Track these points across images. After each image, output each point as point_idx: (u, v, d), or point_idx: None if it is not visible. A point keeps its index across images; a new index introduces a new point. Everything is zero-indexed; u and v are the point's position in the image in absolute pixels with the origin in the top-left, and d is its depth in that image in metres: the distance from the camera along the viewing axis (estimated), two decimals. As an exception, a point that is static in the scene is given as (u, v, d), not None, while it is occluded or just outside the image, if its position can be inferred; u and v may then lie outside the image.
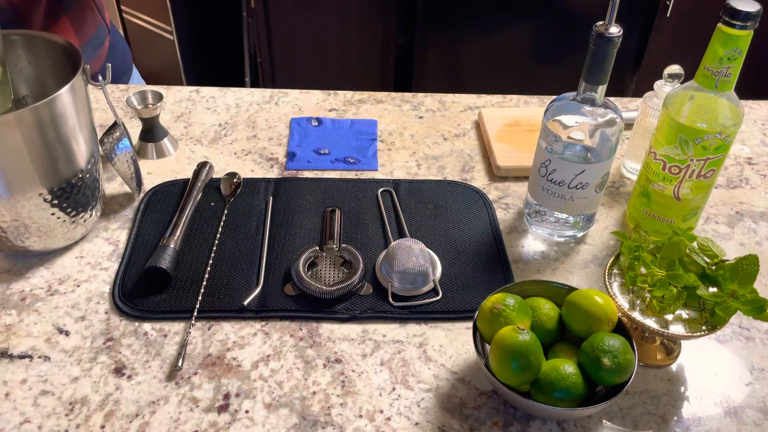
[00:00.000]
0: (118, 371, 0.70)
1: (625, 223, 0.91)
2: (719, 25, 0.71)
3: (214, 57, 2.40)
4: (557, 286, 0.72)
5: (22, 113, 0.69)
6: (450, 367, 0.72)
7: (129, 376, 0.70)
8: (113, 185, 0.94)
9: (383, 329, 0.76)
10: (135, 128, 1.01)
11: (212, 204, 0.91)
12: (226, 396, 0.68)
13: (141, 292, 0.78)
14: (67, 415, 0.66)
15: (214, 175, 0.95)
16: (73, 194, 0.78)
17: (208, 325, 0.75)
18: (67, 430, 0.65)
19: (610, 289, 0.71)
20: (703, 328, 0.68)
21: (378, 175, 0.98)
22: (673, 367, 0.73)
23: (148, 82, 1.26)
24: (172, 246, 0.81)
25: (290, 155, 1.00)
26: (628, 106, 1.13)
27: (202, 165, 0.95)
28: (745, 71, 0.76)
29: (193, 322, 0.74)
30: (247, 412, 0.67)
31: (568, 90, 0.80)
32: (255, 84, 2.25)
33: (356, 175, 0.97)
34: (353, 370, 0.71)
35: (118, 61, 1.22)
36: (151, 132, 0.98)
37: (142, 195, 0.92)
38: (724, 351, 0.75)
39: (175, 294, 0.78)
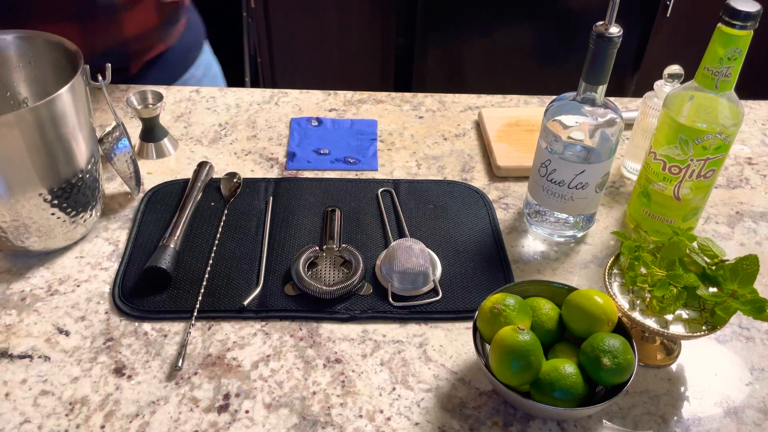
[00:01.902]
0: (118, 371, 0.70)
1: (625, 223, 0.91)
2: (719, 25, 0.71)
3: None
4: (557, 286, 0.72)
5: (22, 113, 0.69)
6: (450, 367, 0.72)
7: (129, 376, 0.70)
8: (113, 185, 0.94)
9: (383, 329, 0.76)
10: (135, 128, 1.01)
11: (212, 204, 0.91)
12: (226, 396, 0.68)
13: (141, 292, 0.78)
14: (67, 415, 0.66)
15: (214, 175, 0.95)
16: (73, 194, 0.78)
17: (208, 325, 0.75)
18: (67, 430, 0.65)
19: (610, 289, 0.71)
20: (703, 328, 0.68)
21: (378, 175, 0.98)
22: (673, 367, 0.73)
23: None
24: (172, 246, 0.81)
25: (290, 155, 1.00)
26: (628, 106, 1.13)
27: (202, 165, 0.95)
28: (745, 71, 0.76)
29: (193, 322, 0.74)
30: (247, 412, 0.67)
31: (568, 90, 0.80)
32: (255, 84, 2.24)
33: (356, 175, 0.97)
34: (353, 370, 0.71)
35: (193, 37, 1.23)
36: (151, 132, 0.98)
37: (142, 195, 0.92)
38: (724, 351, 0.75)
39: (175, 294, 0.78)
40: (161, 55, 1.15)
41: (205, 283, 0.79)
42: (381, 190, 0.94)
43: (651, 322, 0.68)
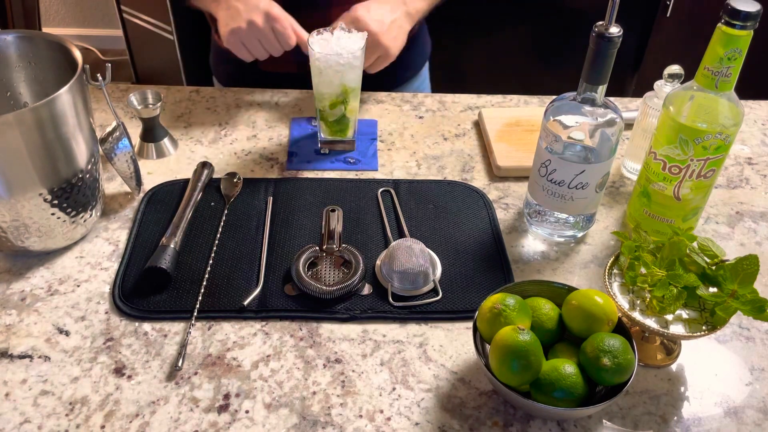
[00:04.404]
0: (118, 371, 0.70)
1: (625, 223, 0.91)
2: (719, 25, 0.71)
3: (214, 57, 2.39)
4: (557, 286, 0.72)
5: (22, 113, 0.69)
6: (450, 367, 0.72)
7: (129, 376, 0.70)
8: (113, 185, 0.94)
9: (383, 329, 0.76)
10: (135, 128, 1.01)
11: (212, 204, 0.91)
12: (226, 396, 0.68)
13: (141, 292, 0.78)
14: (67, 415, 0.66)
15: (214, 175, 0.95)
16: (73, 194, 0.78)
17: (208, 325, 0.75)
18: (67, 430, 0.65)
19: (610, 289, 0.71)
20: (703, 328, 0.68)
21: (378, 175, 0.98)
22: (673, 367, 0.73)
23: (148, 82, 1.26)
24: (172, 246, 0.81)
25: (290, 155, 1.00)
26: (628, 106, 1.13)
27: (202, 165, 0.95)
28: (745, 71, 0.76)
29: (193, 322, 0.74)
30: (247, 412, 0.67)
31: (568, 90, 0.80)
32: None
33: (356, 175, 0.97)
34: (353, 370, 0.71)
35: (413, 55, 1.22)
36: (151, 132, 0.98)
37: (142, 195, 0.92)
38: (724, 351, 0.75)
39: (175, 294, 0.78)
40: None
41: (205, 283, 0.79)
42: (381, 190, 0.94)
43: (651, 322, 0.68)
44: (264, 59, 1.00)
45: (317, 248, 0.83)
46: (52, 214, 0.78)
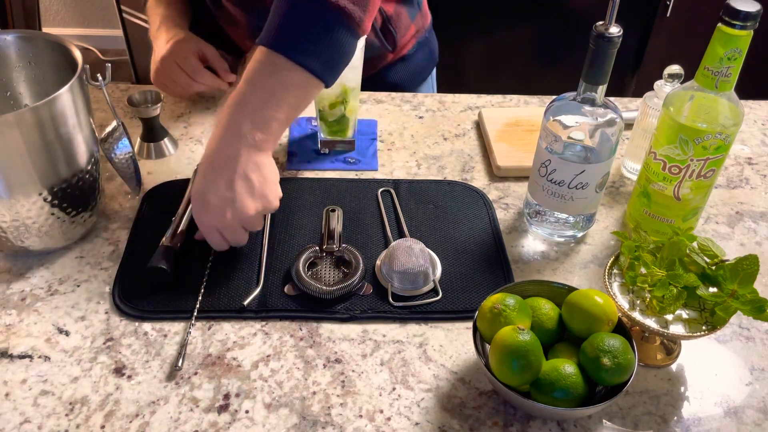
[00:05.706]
0: (118, 371, 0.70)
1: (625, 223, 0.91)
2: (719, 25, 0.71)
3: (214, 57, 2.39)
4: (557, 286, 0.72)
5: (22, 113, 0.69)
6: (450, 367, 0.72)
7: (129, 376, 0.70)
8: (113, 185, 0.94)
9: (383, 329, 0.76)
10: (135, 128, 1.01)
11: (212, 204, 0.90)
12: (226, 396, 0.68)
13: (141, 292, 0.78)
14: (67, 415, 0.66)
15: (214, 175, 0.95)
16: (73, 194, 0.78)
17: (208, 325, 0.75)
18: (67, 430, 0.65)
19: (610, 289, 0.71)
20: (703, 328, 0.68)
21: (378, 175, 0.98)
22: (673, 367, 0.73)
23: (148, 82, 1.26)
24: (172, 246, 0.81)
25: (290, 155, 1.00)
26: (628, 106, 1.13)
27: (202, 165, 0.95)
28: (745, 71, 0.76)
29: (193, 322, 0.74)
30: (247, 412, 0.67)
31: (568, 90, 0.80)
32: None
33: (356, 175, 0.97)
34: (353, 370, 0.71)
35: (414, 64, 1.23)
36: (151, 132, 0.98)
37: (142, 195, 0.92)
38: (724, 351, 0.75)
39: (175, 294, 0.78)
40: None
41: (205, 283, 0.79)
42: (381, 190, 0.94)
43: (651, 322, 0.68)
44: (190, 92, 1.03)
45: (317, 248, 0.83)
46: (52, 214, 0.78)
